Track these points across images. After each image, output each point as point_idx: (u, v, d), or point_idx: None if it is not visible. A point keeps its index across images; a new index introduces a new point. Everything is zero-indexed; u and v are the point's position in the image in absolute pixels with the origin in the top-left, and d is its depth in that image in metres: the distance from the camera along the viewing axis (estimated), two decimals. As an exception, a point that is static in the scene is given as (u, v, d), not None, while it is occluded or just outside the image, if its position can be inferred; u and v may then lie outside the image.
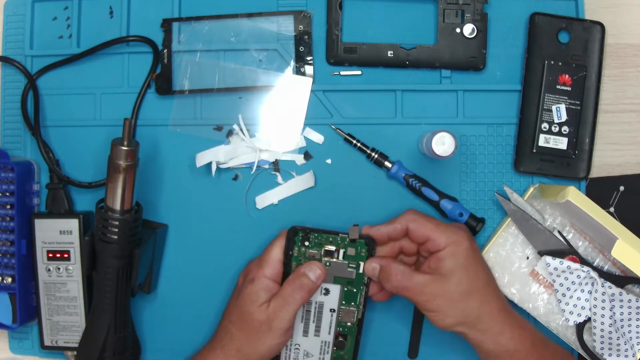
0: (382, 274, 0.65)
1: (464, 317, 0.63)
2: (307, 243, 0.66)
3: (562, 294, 0.67)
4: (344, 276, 0.67)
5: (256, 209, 0.72)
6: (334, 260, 0.66)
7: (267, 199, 0.72)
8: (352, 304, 0.67)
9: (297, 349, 0.68)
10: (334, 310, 0.67)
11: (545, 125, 0.70)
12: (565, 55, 0.71)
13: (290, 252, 0.66)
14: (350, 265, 0.66)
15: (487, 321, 0.63)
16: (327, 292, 0.67)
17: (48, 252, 0.70)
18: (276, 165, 0.72)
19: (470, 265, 0.63)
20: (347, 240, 0.66)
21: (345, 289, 0.67)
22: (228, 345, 0.65)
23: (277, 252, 0.66)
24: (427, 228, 0.64)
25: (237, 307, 0.65)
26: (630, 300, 0.65)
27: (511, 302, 0.69)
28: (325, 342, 0.68)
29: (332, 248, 0.66)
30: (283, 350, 0.68)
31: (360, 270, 0.66)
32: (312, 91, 0.72)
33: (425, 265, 0.65)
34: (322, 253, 0.66)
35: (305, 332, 0.68)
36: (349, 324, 0.68)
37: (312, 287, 0.65)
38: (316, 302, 0.67)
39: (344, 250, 0.66)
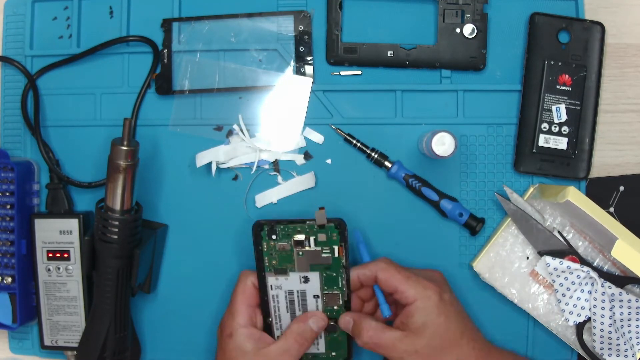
0: (354, 329, 0.64)
1: None
2: (274, 236, 0.64)
3: (562, 294, 0.67)
4: (320, 263, 0.64)
5: (256, 209, 0.72)
6: (306, 249, 0.64)
7: (267, 197, 0.72)
8: (335, 287, 0.65)
9: None
10: (318, 297, 0.66)
11: (545, 125, 0.70)
12: (565, 55, 0.71)
13: (260, 248, 0.64)
14: (324, 250, 0.64)
15: None
16: (306, 280, 0.65)
17: (48, 252, 0.70)
18: (276, 165, 0.72)
19: (442, 319, 0.61)
20: (316, 226, 0.63)
21: (325, 274, 0.65)
22: None
23: (242, 299, 0.65)
24: (395, 279, 0.62)
25: None
26: (630, 300, 0.65)
27: (511, 303, 0.69)
28: None
29: (302, 237, 0.63)
30: None
31: (336, 254, 0.64)
32: (312, 91, 0.72)
33: (398, 321, 0.63)
34: (292, 244, 0.64)
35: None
36: (335, 307, 0.66)
37: (314, 337, 0.65)
38: (297, 291, 0.65)
39: (314, 237, 0.63)
